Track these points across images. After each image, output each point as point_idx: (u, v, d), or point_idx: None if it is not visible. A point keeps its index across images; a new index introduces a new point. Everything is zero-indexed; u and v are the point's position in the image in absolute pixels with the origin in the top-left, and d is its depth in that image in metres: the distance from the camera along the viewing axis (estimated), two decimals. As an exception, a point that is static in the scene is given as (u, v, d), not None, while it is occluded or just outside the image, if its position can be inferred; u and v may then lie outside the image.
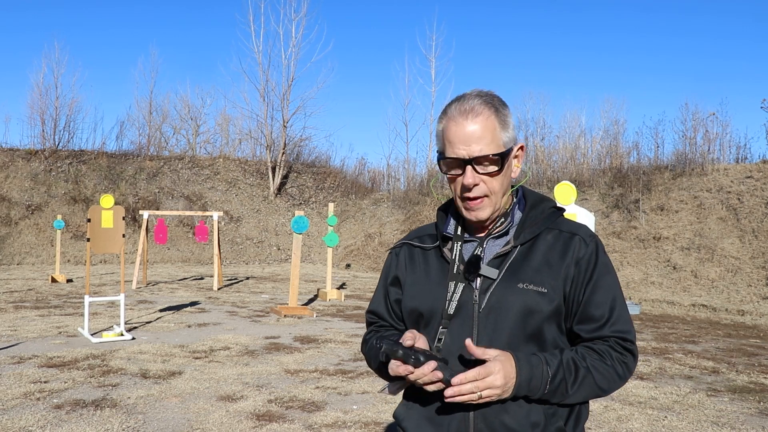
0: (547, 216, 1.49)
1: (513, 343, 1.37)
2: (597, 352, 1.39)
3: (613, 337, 1.40)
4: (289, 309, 9.83)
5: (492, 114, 1.40)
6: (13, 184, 22.03)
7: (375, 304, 1.65)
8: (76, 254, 20.52)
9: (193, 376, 5.72)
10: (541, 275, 1.40)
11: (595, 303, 1.40)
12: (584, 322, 1.41)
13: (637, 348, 1.43)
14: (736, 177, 15.63)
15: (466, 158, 1.38)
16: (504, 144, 1.41)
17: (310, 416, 4.61)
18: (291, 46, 27.48)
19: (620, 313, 1.42)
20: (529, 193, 1.55)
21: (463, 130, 1.38)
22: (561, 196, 6.04)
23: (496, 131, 1.40)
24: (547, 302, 1.38)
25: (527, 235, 1.45)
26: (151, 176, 24.89)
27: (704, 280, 13.07)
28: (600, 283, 1.42)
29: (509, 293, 1.39)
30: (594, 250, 1.44)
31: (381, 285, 1.64)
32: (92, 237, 7.60)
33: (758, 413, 4.91)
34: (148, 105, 28.90)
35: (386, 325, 1.62)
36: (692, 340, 8.26)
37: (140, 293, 12.51)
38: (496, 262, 1.43)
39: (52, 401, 4.80)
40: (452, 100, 1.45)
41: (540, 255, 1.43)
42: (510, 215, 1.48)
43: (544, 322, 1.38)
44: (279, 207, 26.35)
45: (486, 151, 1.38)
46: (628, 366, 1.41)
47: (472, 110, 1.39)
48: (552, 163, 21.42)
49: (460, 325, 1.41)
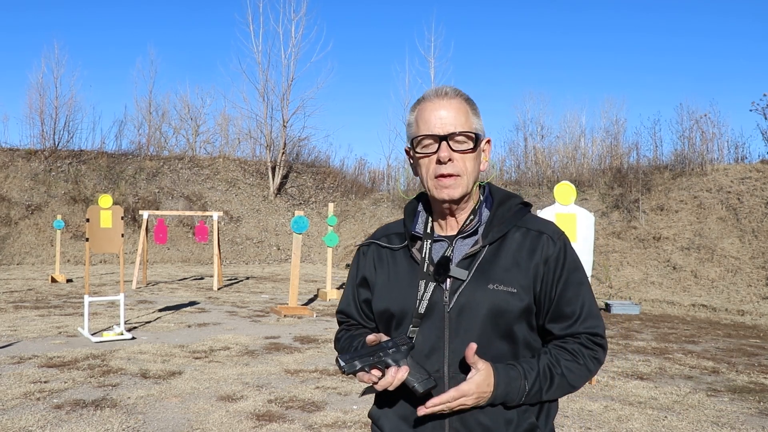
0: (514, 213, 1.49)
1: (483, 343, 1.38)
2: (570, 352, 1.42)
3: (584, 334, 1.43)
4: (289, 309, 9.83)
5: (464, 101, 1.47)
6: (13, 184, 22.03)
7: (344, 304, 1.67)
8: (76, 254, 20.51)
9: (193, 376, 5.72)
10: (510, 275, 1.41)
11: (566, 300, 1.43)
12: (556, 320, 1.44)
13: (606, 341, 1.47)
14: (735, 177, 15.63)
15: (442, 134, 1.42)
16: (476, 129, 1.46)
17: (310, 416, 4.61)
18: (290, 46, 27.50)
19: (590, 309, 1.45)
20: (496, 190, 1.56)
21: (439, 109, 1.44)
22: (561, 196, 6.04)
23: (469, 115, 1.46)
24: (517, 302, 1.39)
25: (495, 234, 1.45)
26: (150, 176, 24.89)
27: (704, 280, 13.07)
28: (570, 280, 1.44)
29: (479, 294, 1.40)
30: (562, 247, 1.46)
31: (349, 285, 1.66)
32: (91, 237, 7.60)
33: (758, 413, 4.91)
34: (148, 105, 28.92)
35: (356, 324, 1.64)
36: (692, 340, 8.26)
37: (140, 293, 12.50)
38: (466, 263, 1.44)
39: (52, 401, 4.79)
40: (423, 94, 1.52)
41: (509, 254, 1.44)
42: (478, 213, 1.49)
43: (514, 321, 1.40)
44: (279, 207, 26.34)
45: (461, 128, 1.43)
46: (599, 360, 1.46)
47: (447, 93, 1.46)
48: (552, 164, 21.43)
49: (431, 325, 1.42)
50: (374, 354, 1.36)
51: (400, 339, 1.40)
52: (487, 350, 1.38)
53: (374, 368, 1.36)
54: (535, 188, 19.92)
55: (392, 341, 1.39)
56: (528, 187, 20.18)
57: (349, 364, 1.33)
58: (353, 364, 1.34)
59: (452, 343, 1.39)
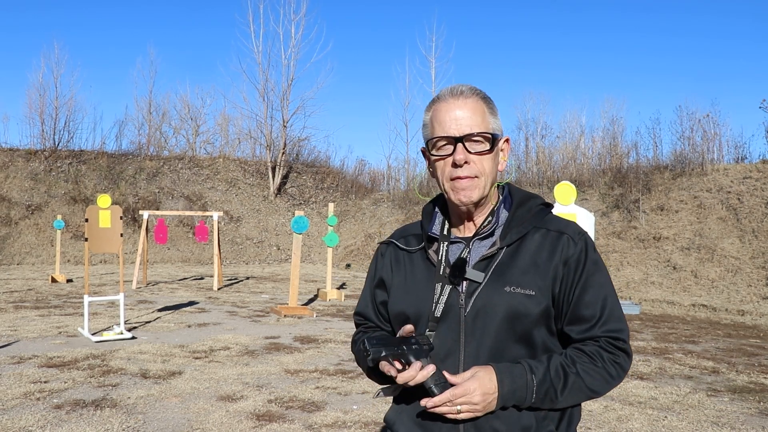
0: (534, 214, 1.45)
1: (500, 347, 1.35)
2: (587, 354, 1.36)
3: (604, 337, 1.37)
4: (289, 309, 9.82)
5: (481, 100, 1.42)
6: (13, 184, 22.03)
7: (362, 306, 1.64)
8: (76, 254, 20.51)
9: (193, 376, 5.72)
10: (528, 277, 1.37)
11: (585, 303, 1.37)
12: (574, 323, 1.38)
13: (630, 346, 1.41)
14: (735, 177, 15.63)
15: (457, 136, 1.38)
16: (493, 128, 1.42)
17: (310, 416, 4.61)
18: (291, 47, 27.54)
19: (611, 312, 1.39)
20: (515, 190, 1.52)
21: (454, 109, 1.39)
22: (561, 196, 6.04)
23: (486, 115, 1.41)
24: (534, 305, 1.35)
25: (514, 235, 1.41)
26: (151, 176, 24.89)
27: (704, 280, 13.06)
28: (590, 282, 1.39)
29: (495, 297, 1.36)
30: (583, 248, 1.40)
31: (367, 286, 1.64)
32: (90, 237, 7.60)
33: (758, 413, 4.91)
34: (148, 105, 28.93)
35: (373, 326, 1.62)
36: (692, 340, 8.26)
37: (140, 293, 12.50)
38: (482, 265, 1.40)
39: (52, 401, 4.79)
40: (440, 92, 1.47)
41: (527, 256, 1.40)
42: (495, 214, 1.45)
43: (532, 325, 1.36)
44: (279, 207, 26.34)
45: (477, 129, 1.38)
46: (622, 366, 1.38)
47: (462, 93, 1.41)
48: (552, 163, 21.43)
49: (447, 328, 1.40)
50: (399, 345, 1.34)
51: (423, 338, 1.39)
52: (503, 354, 1.35)
53: (397, 360, 1.33)
54: (535, 188, 19.92)
55: (415, 338, 1.37)
56: (528, 187, 20.18)
57: (376, 349, 1.31)
58: (379, 350, 1.31)
59: (468, 347, 1.37)
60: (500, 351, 1.35)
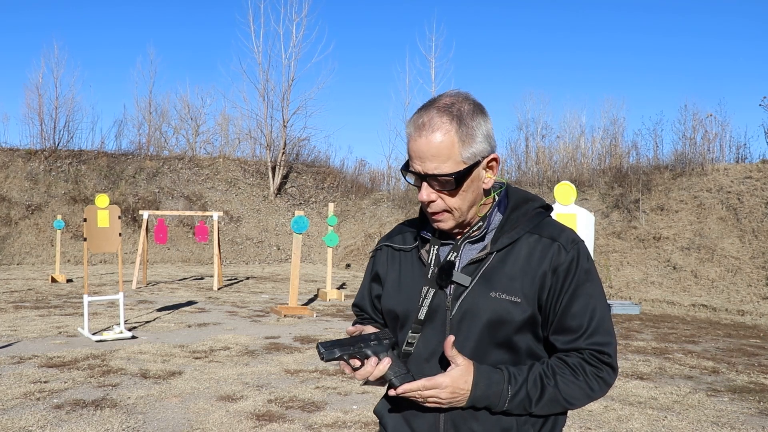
0: (530, 218, 1.41)
1: (480, 352, 1.35)
2: (570, 366, 1.34)
3: (588, 350, 1.34)
4: (289, 309, 9.82)
5: (453, 128, 1.30)
6: (12, 184, 22.03)
7: (359, 297, 1.67)
8: (76, 254, 20.51)
9: (193, 376, 5.72)
10: (515, 284, 1.35)
11: (571, 313, 1.34)
12: (559, 333, 1.36)
13: (616, 361, 1.37)
14: (736, 177, 15.62)
15: (422, 173, 1.32)
16: (465, 160, 1.31)
17: (310, 416, 4.61)
18: (291, 47, 27.49)
19: (599, 324, 1.35)
20: (513, 192, 1.46)
21: (417, 145, 1.32)
22: (561, 196, 6.04)
23: (455, 147, 1.30)
24: (519, 312, 1.33)
25: (505, 240, 1.38)
26: (150, 176, 24.89)
27: (704, 280, 13.06)
28: (579, 292, 1.35)
29: (481, 301, 1.35)
30: (574, 257, 1.36)
31: (365, 279, 1.66)
32: (89, 236, 7.60)
33: (758, 413, 4.91)
34: (148, 105, 28.91)
35: (368, 318, 1.64)
36: (692, 340, 8.26)
37: (140, 293, 12.50)
38: (470, 269, 1.38)
39: (52, 401, 4.79)
40: (420, 106, 1.38)
41: (517, 262, 1.36)
42: (487, 219, 1.42)
43: (514, 332, 1.34)
44: (279, 207, 26.34)
45: (440, 170, 1.30)
46: (605, 380, 1.35)
47: (427, 125, 1.30)
48: (552, 163, 21.44)
49: (432, 329, 1.39)
50: (355, 344, 1.36)
51: (383, 333, 1.41)
52: (483, 358, 1.35)
53: (353, 358, 1.36)
54: (535, 188, 19.92)
55: (375, 334, 1.40)
56: (528, 187, 20.17)
57: (329, 351, 1.33)
58: (332, 351, 1.34)
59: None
60: (481, 355, 1.35)
